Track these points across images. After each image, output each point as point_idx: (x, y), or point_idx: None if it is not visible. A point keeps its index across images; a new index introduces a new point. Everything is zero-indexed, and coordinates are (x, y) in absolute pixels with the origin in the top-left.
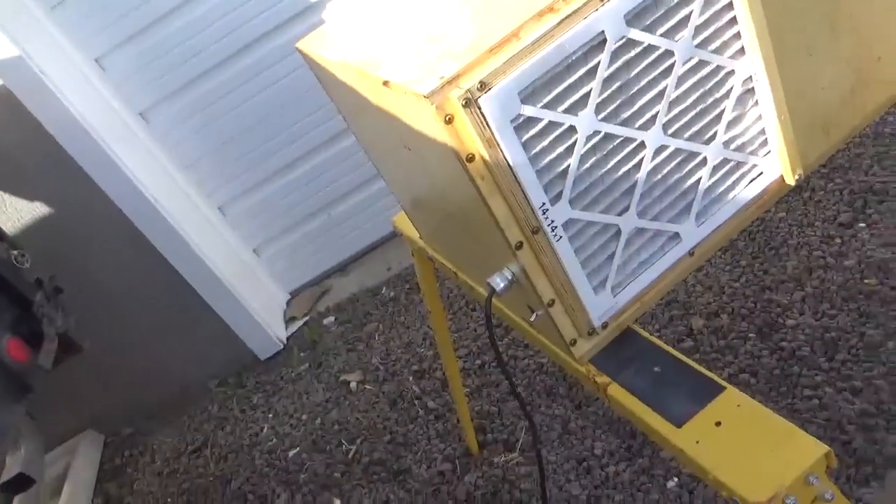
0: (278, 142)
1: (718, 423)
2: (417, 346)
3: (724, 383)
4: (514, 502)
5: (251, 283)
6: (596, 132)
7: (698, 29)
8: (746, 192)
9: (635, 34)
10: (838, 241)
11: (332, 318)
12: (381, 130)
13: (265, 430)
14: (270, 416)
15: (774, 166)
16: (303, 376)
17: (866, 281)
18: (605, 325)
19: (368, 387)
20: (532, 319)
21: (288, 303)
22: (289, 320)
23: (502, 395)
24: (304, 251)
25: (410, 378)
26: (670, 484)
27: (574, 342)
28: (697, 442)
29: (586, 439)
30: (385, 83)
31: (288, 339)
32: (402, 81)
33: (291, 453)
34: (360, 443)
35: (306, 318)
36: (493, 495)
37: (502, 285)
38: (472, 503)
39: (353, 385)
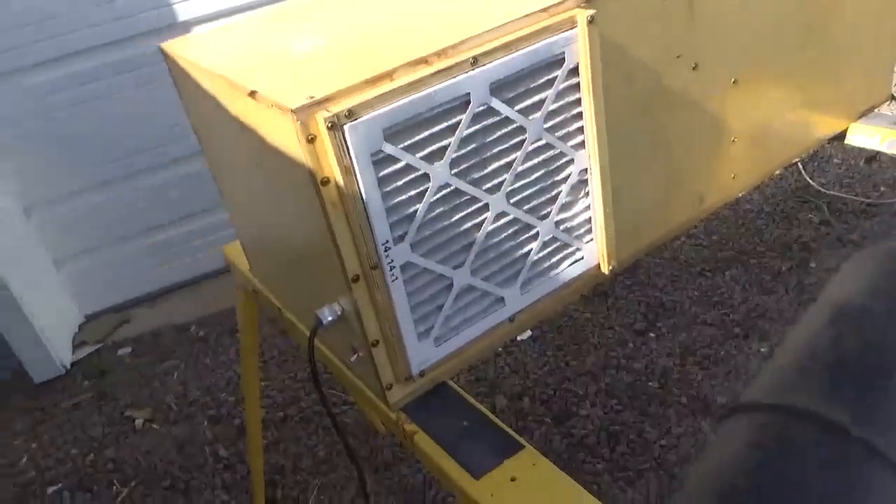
0: (115, 152)
1: (514, 479)
2: (219, 391)
3: (523, 442)
4: None
5: (43, 295)
6: (447, 185)
7: (550, 114)
8: (567, 272)
9: (496, 104)
10: (631, 345)
11: (128, 350)
12: (235, 147)
13: (24, 460)
14: (34, 445)
15: (594, 254)
16: (82, 406)
17: (650, 384)
18: (422, 374)
19: (156, 426)
20: (352, 360)
21: (81, 326)
22: (78, 345)
23: (300, 450)
24: (112, 273)
25: (205, 422)
26: None
27: (390, 387)
28: (492, 495)
29: None
30: (252, 93)
31: (73, 364)
32: (269, 94)
33: (51, 489)
34: (133, 486)
35: (99, 345)
36: None
37: (330, 318)
38: None
39: (138, 422)
